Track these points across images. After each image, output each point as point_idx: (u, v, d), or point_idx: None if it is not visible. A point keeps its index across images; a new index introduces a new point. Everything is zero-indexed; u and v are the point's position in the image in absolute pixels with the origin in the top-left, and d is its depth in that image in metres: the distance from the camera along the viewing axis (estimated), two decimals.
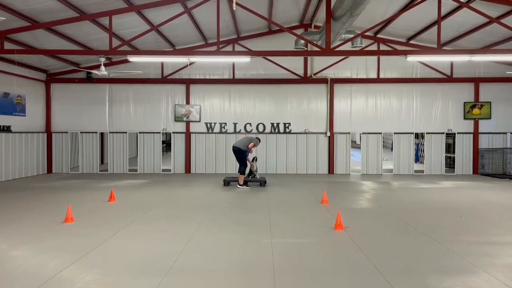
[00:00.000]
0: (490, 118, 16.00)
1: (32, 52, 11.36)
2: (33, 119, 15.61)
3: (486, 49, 13.80)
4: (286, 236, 6.68)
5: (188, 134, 16.51)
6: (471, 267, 5.08)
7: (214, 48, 15.82)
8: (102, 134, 17.61)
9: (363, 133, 16.58)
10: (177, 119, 16.48)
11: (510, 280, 4.60)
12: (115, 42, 13.04)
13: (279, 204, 9.56)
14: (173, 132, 16.61)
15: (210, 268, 5.14)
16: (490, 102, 15.99)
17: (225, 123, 16.51)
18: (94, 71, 13.01)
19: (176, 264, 5.22)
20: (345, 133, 16.48)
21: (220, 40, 14.83)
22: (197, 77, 16.50)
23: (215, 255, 5.66)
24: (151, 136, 16.56)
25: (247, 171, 12.77)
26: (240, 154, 12.29)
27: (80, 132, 16.50)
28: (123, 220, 7.72)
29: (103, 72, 12.29)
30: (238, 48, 16.10)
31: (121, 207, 9.14)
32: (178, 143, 16.62)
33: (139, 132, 16.54)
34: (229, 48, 16.13)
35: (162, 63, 16.33)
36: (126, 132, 16.56)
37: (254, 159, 13.19)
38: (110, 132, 16.59)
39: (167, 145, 23.79)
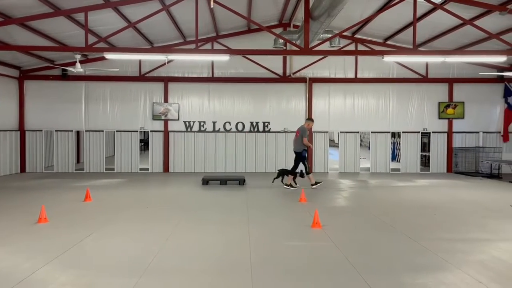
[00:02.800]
0: (463, 117, 16.40)
1: (5, 48, 11.06)
2: (5, 117, 15.17)
3: (460, 50, 14.13)
4: (264, 235, 6.70)
5: (166, 133, 16.35)
6: (444, 264, 5.20)
7: (192, 46, 15.71)
8: (78, 133, 17.27)
9: (341, 132, 16.75)
10: (155, 117, 16.30)
11: (481, 276, 4.73)
12: (91, 39, 12.79)
13: (257, 203, 9.58)
14: (151, 131, 16.41)
15: (188, 267, 5.11)
16: (463, 102, 16.39)
17: (204, 122, 16.42)
18: (69, 68, 12.74)
19: (153, 264, 5.17)
20: (324, 132, 16.62)
21: (199, 38, 14.72)
22: (176, 75, 16.35)
23: (192, 254, 5.63)
24: (128, 135, 16.33)
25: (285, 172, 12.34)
26: (298, 156, 11.81)
27: (55, 131, 16.13)
28: (99, 220, 7.60)
29: (78, 69, 12.04)
30: (217, 46, 16.03)
31: (97, 207, 8.99)
32: (156, 142, 16.44)
33: (116, 131, 16.29)
34: (208, 46, 16.04)
35: (139, 61, 16.11)
36: (103, 131, 16.28)
37: None
38: (86, 131, 16.28)
39: (145, 144, 23.51)
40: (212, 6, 10.13)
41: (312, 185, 11.86)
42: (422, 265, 5.19)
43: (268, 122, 16.50)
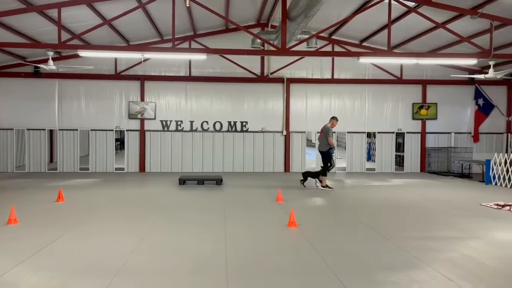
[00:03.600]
0: (436, 118, 16.81)
1: None
2: None
3: (433, 52, 14.47)
4: (240, 234, 6.70)
5: (142, 132, 16.15)
6: (416, 262, 5.31)
7: (170, 44, 15.56)
8: (51, 131, 16.86)
9: (318, 132, 16.89)
10: (131, 116, 16.07)
11: (451, 274, 4.86)
12: (65, 36, 12.48)
13: (234, 203, 9.57)
14: (127, 130, 16.18)
15: (162, 268, 5.06)
16: (436, 103, 16.79)
17: (181, 121, 16.30)
18: (42, 66, 12.41)
19: (127, 265, 5.10)
20: (301, 132, 16.74)
21: (176, 36, 14.60)
22: (152, 74, 16.16)
23: (167, 255, 5.59)
24: (103, 134, 16.05)
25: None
26: (324, 155, 11.79)
27: (27, 129, 15.71)
28: (72, 221, 7.44)
29: (51, 66, 11.75)
30: (194, 45, 15.94)
31: (70, 207, 8.80)
32: (132, 141, 16.22)
33: (91, 130, 15.98)
34: (185, 45, 15.92)
35: (115, 59, 15.85)
36: (77, 130, 15.95)
37: None
38: (59, 129, 15.91)
39: (121, 143, 23.15)
40: (188, 5, 10.07)
41: (322, 186, 11.84)
42: (395, 263, 5.30)
43: (246, 122, 16.50)
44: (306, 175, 12.37)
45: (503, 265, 5.23)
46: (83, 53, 10.85)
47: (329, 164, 11.83)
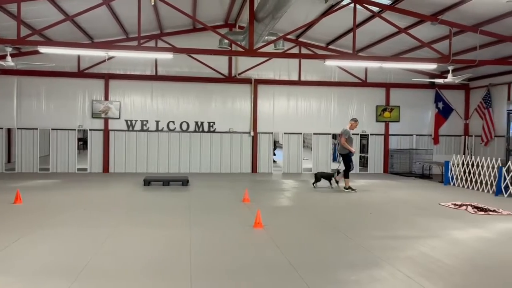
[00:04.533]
0: (399, 121, 17.31)
1: None
2: None
3: (396, 57, 14.88)
4: (205, 235, 6.66)
5: (106, 132, 15.76)
6: (378, 261, 5.44)
7: (135, 43, 15.21)
8: (9, 130, 16.19)
9: (285, 133, 17.05)
10: (95, 115, 15.66)
11: (410, 272, 5.01)
12: (25, 31, 11.99)
13: (200, 204, 9.50)
14: (90, 129, 15.75)
15: (125, 270, 4.95)
16: (399, 106, 17.30)
17: (147, 121, 16.03)
18: None
19: (87, 268, 4.95)
20: (268, 133, 16.83)
21: (142, 35, 14.32)
22: (117, 72, 15.82)
23: (130, 257, 5.47)
24: (65, 133, 15.56)
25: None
26: (344, 157, 11.74)
27: None
28: (30, 223, 7.16)
29: (9, 63, 11.26)
30: (161, 44, 15.71)
31: (28, 209, 8.46)
32: (95, 141, 15.80)
33: (52, 129, 15.45)
34: (151, 43, 15.68)
35: (78, 56, 15.39)
36: (37, 129, 15.38)
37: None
38: (18, 128, 15.30)
39: (84, 143, 22.50)
40: (153, 3, 9.92)
41: (345, 188, 11.73)
42: (357, 262, 5.41)
43: (214, 122, 16.42)
44: (320, 176, 12.28)
45: (459, 263, 5.44)
46: (43, 49, 10.48)
47: (351, 166, 11.81)
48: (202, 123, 16.36)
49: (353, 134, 12.13)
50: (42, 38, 13.25)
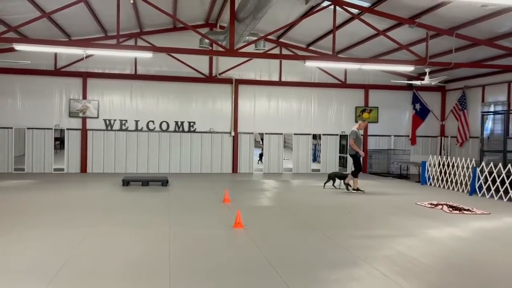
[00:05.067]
0: (377, 122, 17.58)
1: None
2: None
3: (374, 59, 15.11)
4: (185, 236, 6.62)
5: (84, 131, 15.50)
6: (356, 260, 5.51)
7: (114, 41, 15.01)
8: None
9: (265, 134, 17.09)
10: (72, 114, 15.38)
11: (387, 270, 5.09)
12: None
13: (180, 204, 9.45)
14: (67, 129, 15.47)
15: (102, 271, 4.88)
16: (377, 107, 17.57)
17: (126, 120, 15.84)
18: None
19: (63, 269, 4.86)
20: (249, 133, 16.85)
21: (122, 33, 14.10)
22: (96, 71, 15.59)
23: (108, 257, 5.40)
24: (41, 133, 15.23)
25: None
26: (352, 158, 11.61)
27: None
28: (4, 225, 6.98)
29: None
30: (141, 42, 15.54)
31: (3, 210, 8.25)
32: (73, 141, 15.51)
33: (28, 128, 15.11)
34: (131, 42, 15.49)
35: (55, 54, 15.10)
36: (11, 128, 15.00)
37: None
38: None
39: (61, 142, 22.09)
40: (132, 1, 9.81)
41: (353, 189, 11.63)
42: (336, 261, 5.47)
43: (194, 122, 16.35)
44: (334, 176, 12.14)
45: (435, 261, 5.56)
46: (19, 46, 10.23)
47: (361, 167, 11.66)
48: (182, 123, 16.26)
49: (331, 134, 12.22)
50: (17, 35, 12.94)
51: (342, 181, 12.02)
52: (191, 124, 16.33)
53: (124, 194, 10.73)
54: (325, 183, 12.34)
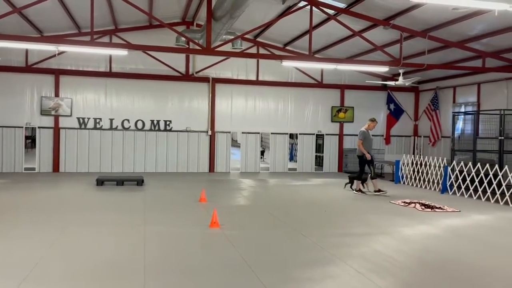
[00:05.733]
0: (353, 121, 17.80)
1: None
2: None
3: (350, 59, 15.30)
4: (160, 236, 6.55)
5: (56, 130, 15.12)
6: (331, 258, 5.57)
7: (88, 38, 14.71)
8: None
9: (243, 133, 17.08)
10: (44, 112, 14.98)
11: (362, 268, 5.16)
12: None
13: (155, 204, 9.34)
14: (38, 127, 15.06)
15: (75, 272, 4.77)
16: (353, 107, 17.80)
17: (100, 119, 15.54)
18: None
19: (34, 271, 4.73)
20: (226, 132, 16.80)
21: (96, 30, 13.81)
22: (69, 68, 15.23)
23: (81, 259, 5.28)
24: (11, 131, 14.78)
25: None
26: (360, 160, 11.12)
27: None
28: None
29: None
30: (115, 40, 15.27)
31: None
32: (44, 139, 15.11)
33: None
34: (105, 39, 15.20)
35: (26, 50, 14.66)
36: None
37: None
38: None
39: (32, 141, 21.48)
40: None
41: (375, 191, 11.08)
42: (311, 259, 5.51)
43: (170, 121, 16.18)
44: (352, 178, 11.64)
45: (408, 258, 5.68)
46: None
47: (371, 168, 11.04)
48: (158, 121, 16.08)
49: (308, 133, 12.26)
50: None
51: (363, 182, 11.37)
52: (167, 123, 16.17)
53: (98, 194, 10.53)
54: (346, 184, 11.90)
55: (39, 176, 14.07)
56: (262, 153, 18.56)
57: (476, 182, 10.89)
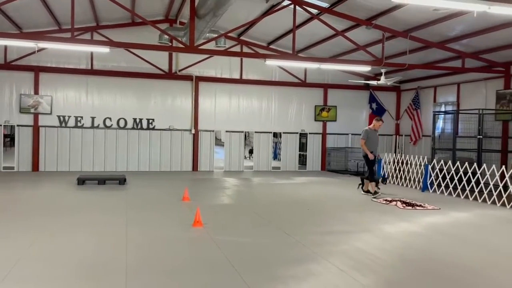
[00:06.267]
0: (335, 120, 17.96)
1: None
2: None
3: (333, 58, 15.41)
4: (143, 235, 6.49)
5: (36, 128, 14.84)
6: (313, 256, 5.61)
7: (69, 34, 14.46)
8: None
9: (226, 131, 17.05)
10: (23, 110, 14.68)
11: (344, 265, 5.21)
12: None
13: (138, 203, 9.24)
14: (17, 125, 14.75)
15: (53, 274, 4.69)
16: (336, 106, 17.94)
17: (82, 117, 15.30)
18: None
19: (12, 273, 4.63)
20: (210, 130, 16.74)
21: (77, 27, 13.58)
22: (49, 65, 14.95)
23: (61, 260, 5.19)
24: None
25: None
26: (365, 160, 10.82)
27: None
28: None
29: None
30: (97, 37, 15.05)
31: None
32: (24, 138, 14.82)
33: None
34: (87, 36, 14.97)
35: (5, 47, 14.34)
36: None
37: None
38: None
39: (11, 140, 21.02)
40: None
41: (364, 191, 10.88)
42: (294, 258, 5.54)
43: (153, 119, 16.05)
44: (363, 180, 11.21)
45: (390, 256, 5.75)
46: None
47: (375, 170, 10.65)
48: (140, 120, 15.92)
49: (291, 132, 12.26)
50: None
51: (377, 184, 10.83)
52: (150, 121, 16.03)
53: (79, 193, 10.38)
54: (360, 185, 11.40)
55: (18, 175, 13.78)
56: (251, 151, 18.53)
57: (456, 180, 11.10)
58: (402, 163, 13.39)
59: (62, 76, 15.11)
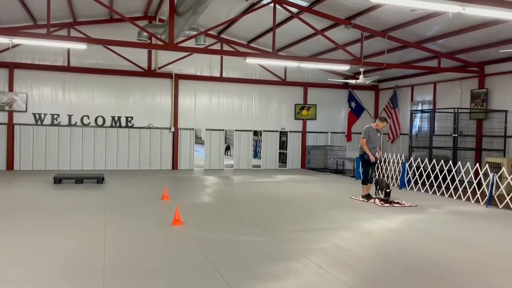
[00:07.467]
0: (315, 119, 18.10)
1: None
2: None
3: (313, 57, 15.53)
4: (121, 236, 6.42)
5: (11, 126, 14.47)
6: (293, 253, 5.65)
7: (44, 30, 14.14)
8: None
9: (206, 130, 16.98)
10: None
11: (323, 262, 5.27)
12: None
13: (116, 202, 9.13)
14: None
15: (28, 276, 4.59)
16: (315, 104, 18.08)
17: (58, 115, 15.00)
18: None
19: None
20: (190, 129, 16.64)
21: (53, 22, 13.31)
22: (24, 62, 14.59)
23: (37, 261, 5.09)
24: None
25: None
26: (361, 161, 9.97)
27: None
28: None
29: None
30: (74, 33, 14.76)
31: None
32: None
33: None
34: (63, 32, 14.66)
35: None
36: None
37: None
38: None
39: None
40: None
41: (362, 196, 9.96)
42: (274, 255, 5.57)
43: (132, 117, 15.85)
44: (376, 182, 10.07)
45: (368, 252, 5.85)
46: None
47: (369, 171, 9.81)
48: (119, 118, 15.70)
49: (271, 130, 12.28)
50: None
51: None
52: (129, 119, 15.82)
53: (56, 193, 10.18)
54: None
55: None
56: (228, 148, 18.51)
57: (432, 178, 11.35)
58: (380, 161, 13.58)
59: (38, 73, 14.76)
